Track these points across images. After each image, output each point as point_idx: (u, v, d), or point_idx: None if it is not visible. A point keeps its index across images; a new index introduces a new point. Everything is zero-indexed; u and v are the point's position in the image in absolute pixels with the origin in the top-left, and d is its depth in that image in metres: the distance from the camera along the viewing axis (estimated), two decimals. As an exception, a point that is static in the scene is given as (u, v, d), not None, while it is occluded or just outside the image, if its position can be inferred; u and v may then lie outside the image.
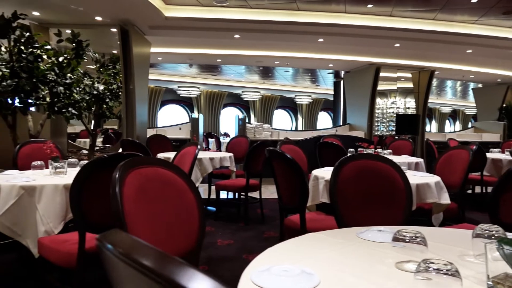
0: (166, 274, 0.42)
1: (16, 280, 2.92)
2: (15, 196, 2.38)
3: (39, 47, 4.32)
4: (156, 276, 0.43)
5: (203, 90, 17.50)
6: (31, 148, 3.68)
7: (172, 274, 0.42)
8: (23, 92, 4.18)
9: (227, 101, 18.72)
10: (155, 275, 0.43)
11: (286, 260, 1.07)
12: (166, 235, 1.50)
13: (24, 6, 4.91)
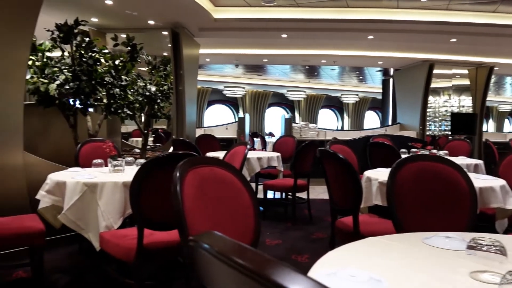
0: (267, 274, 0.42)
1: (79, 270, 3.10)
2: (79, 192, 2.53)
3: (98, 51, 4.56)
4: (256, 276, 0.42)
5: (248, 90, 17.66)
6: (90, 147, 3.90)
7: (273, 274, 0.42)
8: (83, 94, 4.43)
9: (272, 101, 18.74)
10: (255, 275, 0.43)
11: (351, 265, 1.04)
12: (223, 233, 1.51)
13: (84, 13, 5.21)
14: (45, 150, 4.27)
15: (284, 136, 7.12)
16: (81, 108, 4.54)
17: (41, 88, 4.25)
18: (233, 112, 18.47)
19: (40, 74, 4.35)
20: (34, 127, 4.41)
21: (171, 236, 2.30)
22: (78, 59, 4.42)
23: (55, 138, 4.81)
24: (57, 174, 2.84)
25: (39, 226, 2.55)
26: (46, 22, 3.63)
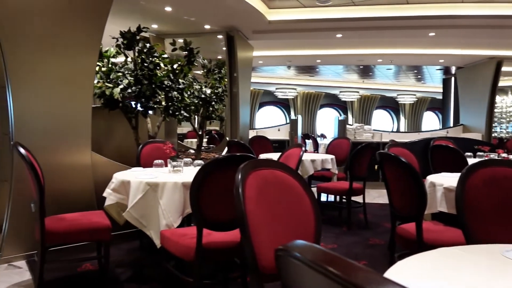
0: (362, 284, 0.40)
1: (140, 265, 3.25)
2: (142, 191, 2.65)
3: (158, 56, 4.77)
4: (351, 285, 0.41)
5: (300, 91, 17.55)
6: (151, 148, 4.07)
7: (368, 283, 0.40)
8: (144, 97, 4.65)
9: (324, 102, 18.47)
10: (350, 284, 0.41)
11: (426, 278, 0.98)
12: (282, 237, 1.50)
13: (145, 20, 5.48)
14: (109, 150, 4.53)
15: (338, 138, 6.97)
16: (142, 111, 4.76)
17: (107, 92, 4.52)
18: (285, 114, 18.45)
19: (106, 79, 4.63)
20: (100, 128, 4.68)
21: (229, 236, 2.33)
22: (140, 64, 4.64)
23: (118, 139, 5.10)
24: (121, 174, 3.00)
25: (106, 222, 2.71)
26: (111, 30, 3.86)
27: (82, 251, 3.37)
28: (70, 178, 3.52)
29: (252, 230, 1.34)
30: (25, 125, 3.30)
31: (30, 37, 3.31)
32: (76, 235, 2.61)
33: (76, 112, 3.59)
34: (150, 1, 5.12)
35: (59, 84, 3.48)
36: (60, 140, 3.50)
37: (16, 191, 3.28)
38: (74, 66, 3.57)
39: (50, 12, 3.41)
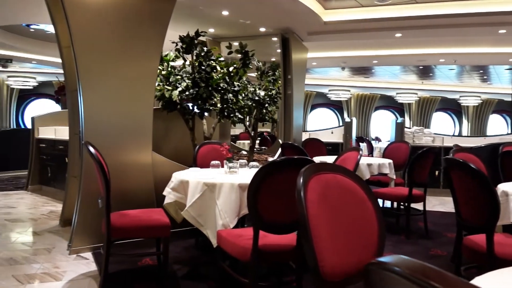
0: None
1: (195, 262, 3.34)
2: (200, 191, 2.72)
3: (215, 60, 4.88)
4: None
5: (354, 93, 17.11)
6: (207, 148, 4.17)
7: None
8: (201, 99, 4.78)
9: (379, 104, 17.85)
10: None
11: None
12: (344, 244, 1.46)
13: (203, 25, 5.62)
14: (166, 150, 4.71)
15: (396, 141, 6.68)
16: (198, 113, 4.90)
17: (166, 95, 4.71)
18: (337, 116, 18.09)
19: (165, 82, 4.82)
20: (158, 129, 4.88)
21: (285, 240, 2.32)
22: (197, 67, 4.78)
23: (175, 140, 5.29)
24: (180, 173, 3.10)
25: (166, 220, 2.81)
26: (170, 35, 4.03)
27: (142, 246, 3.53)
28: (132, 176, 3.71)
29: (314, 234, 1.32)
30: (94, 125, 3.53)
31: (99, 45, 3.54)
32: (138, 231, 2.74)
33: (139, 114, 3.77)
34: (208, 6, 5.26)
35: (124, 87, 3.69)
36: (124, 140, 3.69)
37: (84, 188, 3.52)
38: (138, 70, 3.76)
39: (118, 22, 3.62)
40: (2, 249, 3.57)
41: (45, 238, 3.93)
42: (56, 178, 6.21)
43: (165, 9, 3.88)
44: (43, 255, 3.42)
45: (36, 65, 11.94)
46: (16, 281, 2.85)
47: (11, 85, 14.85)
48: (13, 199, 5.91)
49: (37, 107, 15.93)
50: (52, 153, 6.28)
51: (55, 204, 5.60)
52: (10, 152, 8.60)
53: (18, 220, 4.67)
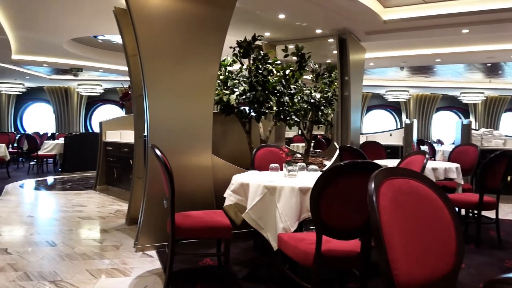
0: None
1: (254, 264, 3.36)
2: (260, 194, 2.73)
3: (271, 63, 4.91)
4: None
5: (413, 93, 16.34)
6: (264, 151, 4.20)
7: None
8: (257, 102, 4.83)
9: (441, 105, 16.88)
10: None
11: None
12: (419, 253, 1.38)
13: (259, 29, 5.70)
14: (224, 153, 4.80)
15: (462, 144, 6.26)
16: (255, 116, 4.95)
17: (224, 99, 4.82)
18: (395, 118, 17.38)
19: (223, 86, 4.93)
20: (216, 133, 5.01)
21: (348, 246, 2.26)
22: (254, 71, 4.84)
23: (231, 143, 5.38)
24: (240, 176, 3.14)
25: (227, 222, 2.86)
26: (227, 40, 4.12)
27: (202, 246, 3.63)
28: (193, 178, 3.83)
29: (388, 242, 1.26)
30: (158, 129, 3.69)
31: (163, 53, 3.71)
32: (201, 231, 2.82)
33: (199, 118, 3.89)
34: (265, 10, 5.31)
35: (186, 92, 3.83)
36: (186, 143, 3.83)
37: (149, 189, 3.70)
38: (199, 76, 3.89)
39: (180, 30, 3.77)
40: (77, 244, 3.85)
41: (113, 236, 4.17)
42: (121, 179, 6.60)
43: (224, 15, 3.98)
44: (112, 251, 3.63)
45: (103, 73, 12.80)
46: (89, 275, 3.05)
47: (81, 92, 16.06)
48: (83, 198, 6.36)
49: (103, 113, 17.06)
50: (118, 155, 6.69)
51: (121, 203, 5.94)
52: (80, 155, 9.29)
53: (88, 218, 5.01)
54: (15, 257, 3.44)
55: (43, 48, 8.77)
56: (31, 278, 2.96)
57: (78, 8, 5.63)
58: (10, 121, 16.41)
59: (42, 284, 2.86)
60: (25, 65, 11.48)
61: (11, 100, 16.38)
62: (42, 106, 17.13)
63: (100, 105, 17.29)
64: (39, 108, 17.22)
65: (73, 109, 16.54)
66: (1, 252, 3.56)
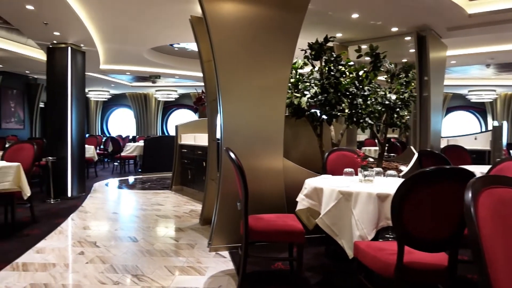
0: None
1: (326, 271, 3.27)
2: (334, 199, 2.65)
3: (344, 64, 4.77)
4: None
5: (500, 93, 14.84)
6: (336, 155, 4.08)
7: None
8: (329, 105, 4.72)
9: (535, 105, 15.10)
10: None
11: None
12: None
13: (330, 30, 5.58)
14: (294, 157, 4.76)
15: None
16: (327, 119, 4.84)
17: (295, 102, 4.78)
18: (479, 120, 15.93)
19: (293, 89, 4.90)
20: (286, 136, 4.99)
21: (434, 258, 2.09)
22: (326, 73, 4.74)
23: (302, 146, 5.32)
24: (313, 180, 3.08)
25: (300, 226, 2.82)
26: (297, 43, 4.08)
27: (272, 249, 3.63)
28: (265, 181, 3.85)
29: (489, 258, 1.13)
30: (231, 132, 3.78)
31: (237, 57, 3.79)
32: (274, 235, 2.81)
33: (271, 121, 3.91)
34: (337, 11, 5.18)
35: (258, 96, 3.87)
36: (258, 146, 3.86)
37: (223, 191, 3.79)
38: (271, 79, 3.91)
39: (252, 35, 3.83)
40: (156, 241, 4.08)
41: (188, 235, 4.34)
42: (195, 180, 6.88)
43: (296, 19, 3.96)
44: (187, 250, 3.78)
45: (178, 79, 13.50)
46: (167, 271, 3.20)
47: (158, 98, 17.13)
48: (161, 197, 6.74)
49: (178, 116, 18.01)
50: (192, 157, 6.99)
51: (194, 203, 6.19)
52: (158, 156, 9.89)
53: (165, 216, 5.28)
54: (102, 250, 3.74)
55: (126, 58, 9.50)
56: (117, 270, 3.19)
57: (157, 19, 5.99)
58: (97, 125, 18.08)
59: (126, 277, 3.06)
60: (111, 74, 12.54)
61: (98, 106, 18.05)
62: (125, 111, 18.62)
63: (175, 109, 18.27)
64: (122, 113, 18.74)
65: (151, 114, 17.71)
66: (91, 245, 3.89)
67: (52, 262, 3.37)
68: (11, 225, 4.35)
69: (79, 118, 6.96)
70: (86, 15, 5.73)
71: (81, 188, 7.03)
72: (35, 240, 4.04)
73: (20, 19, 5.77)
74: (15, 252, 3.62)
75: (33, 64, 10.28)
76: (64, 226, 4.69)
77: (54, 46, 6.78)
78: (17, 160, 4.47)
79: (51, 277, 3.03)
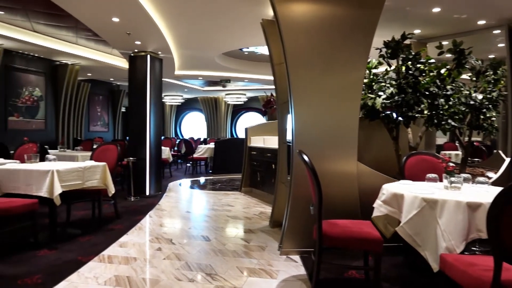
0: None
1: (404, 283, 3.05)
2: (417, 207, 2.46)
3: (423, 62, 4.46)
4: None
5: None
6: (415, 160, 3.83)
7: None
8: (407, 106, 4.44)
9: None
10: None
11: None
12: None
13: (407, 27, 5.27)
14: (367, 160, 4.55)
15: None
16: (404, 121, 4.56)
17: (369, 103, 4.57)
18: None
19: (367, 90, 4.69)
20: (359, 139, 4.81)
21: (539, 278, 1.84)
22: (403, 72, 4.47)
23: (375, 149, 5.07)
24: (392, 186, 2.90)
25: (377, 234, 2.67)
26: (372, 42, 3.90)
27: (346, 257, 3.49)
28: (338, 186, 3.73)
29: None
30: (303, 134, 3.72)
31: (309, 58, 3.73)
32: (349, 242, 2.69)
33: (345, 123, 3.78)
34: (416, 6, 4.88)
35: (331, 98, 3.76)
36: (330, 149, 3.76)
37: (294, 194, 3.74)
38: (345, 80, 3.78)
39: (325, 36, 3.75)
40: (227, 241, 4.16)
41: (258, 236, 4.36)
42: (264, 182, 6.92)
43: (372, 16, 3.79)
44: (258, 251, 3.79)
45: (247, 83, 13.76)
46: (239, 271, 3.23)
47: (228, 101, 17.63)
48: (230, 198, 6.89)
49: (246, 119, 18.37)
50: (261, 159, 7.04)
51: (264, 205, 6.22)
52: (227, 158, 10.15)
53: (236, 217, 5.37)
54: (178, 247, 3.90)
55: (198, 63, 9.91)
56: (191, 268, 3.30)
57: (230, 24, 6.15)
58: (171, 127, 19.14)
59: (201, 275, 3.15)
60: (184, 79, 13.18)
61: (173, 110, 19.11)
62: (196, 114, 19.48)
63: (243, 112, 18.67)
64: (193, 116, 19.63)
65: (221, 117, 18.29)
66: (167, 242, 4.08)
67: (133, 256, 3.59)
68: (98, 220, 4.73)
69: (157, 121, 7.39)
70: (164, 24, 6.07)
71: (158, 187, 7.45)
72: (118, 234, 4.34)
73: (107, 31, 6.29)
74: (102, 245, 3.92)
75: (116, 72, 11.18)
76: (143, 222, 4.99)
77: (135, 55, 7.29)
78: (103, 160, 4.85)
79: (132, 270, 3.22)
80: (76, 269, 3.21)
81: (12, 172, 3.93)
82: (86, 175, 4.23)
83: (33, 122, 9.58)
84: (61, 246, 3.85)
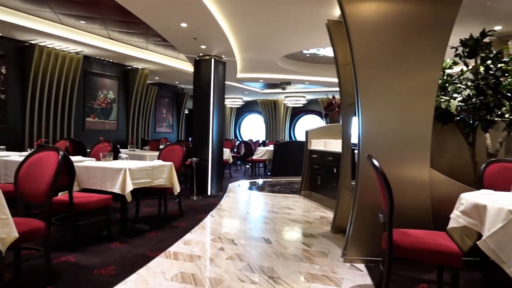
0: None
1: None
2: (503, 220, 2.24)
3: (507, 62, 4.08)
4: None
5: None
6: (496, 167, 3.50)
7: None
8: (486, 109, 4.09)
9: None
10: None
11: None
12: None
13: (487, 23, 4.87)
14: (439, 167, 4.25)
15: None
16: (482, 125, 4.20)
17: (442, 105, 4.27)
18: None
19: (440, 92, 4.39)
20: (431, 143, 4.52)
21: None
22: (483, 72, 4.13)
23: (448, 155, 4.73)
24: (472, 195, 2.67)
25: (454, 247, 2.47)
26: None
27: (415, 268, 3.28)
28: (408, 193, 3.52)
29: None
30: (370, 138, 3.57)
31: (378, 59, 3.58)
32: (423, 253, 2.52)
33: (416, 127, 3.57)
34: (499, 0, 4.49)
35: (402, 100, 3.57)
36: (401, 154, 3.56)
37: (360, 200, 3.60)
38: (417, 81, 3.57)
39: (396, 34, 3.57)
40: (288, 245, 4.11)
41: (320, 242, 4.26)
42: (325, 186, 6.78)
43: (449, 12, 3.54)
44: (320, 257, 3.70)
45: (307, 85, 13.62)
46: (302, 277, 3.18)
47: (287, 104, 17.60)
48: (290, 201, 6.83)
49: (305, 122, 18.20)
50: (322, 163, 6.90)
51: (324, 210, 6.09)
52: (287, 160, 10.11)
53: (296, 221, 5.31)
54: (240, 248, 3.93)
55: (260, 66, 10.00)
56: (253, 270, 3.30)
57: (294, 26, 6.11)
58: (231, 129, 19.55)
59: (263, 278, 3.14)
60: (245, 82, 13.38)
61: (233, 112, 19.51)
62: (255, 117, 19.69)
63: (302, 115, 18.51)
64: (253, 118, 19.86)
65: (280, 119, 18.31)
66: (229, 242, 4.14)
67: (197, 254, 3.69)
68: (164, 217, 4.93)
69: (219, 123, 7.57)
70: (229, 27, 6.20)
71: (219, 188, 7.62)
72: (183, 232, 4.49)
73: (175, 36, 6.57)
74: (167, 241, 4.08)
75: (181, 75, 11.66)
76: (205, 221, 5.12)
77: (200, 58, 7.53)
78: (170, 159, 5.06)
79: (197, 268, 3.30)
80: (145, 263, 3.37)
81: (89, 169, 4.23)
82: (154, 173, 4.43)
83: (106, 123, 10.30)
84: (131, 241, 4.06)
